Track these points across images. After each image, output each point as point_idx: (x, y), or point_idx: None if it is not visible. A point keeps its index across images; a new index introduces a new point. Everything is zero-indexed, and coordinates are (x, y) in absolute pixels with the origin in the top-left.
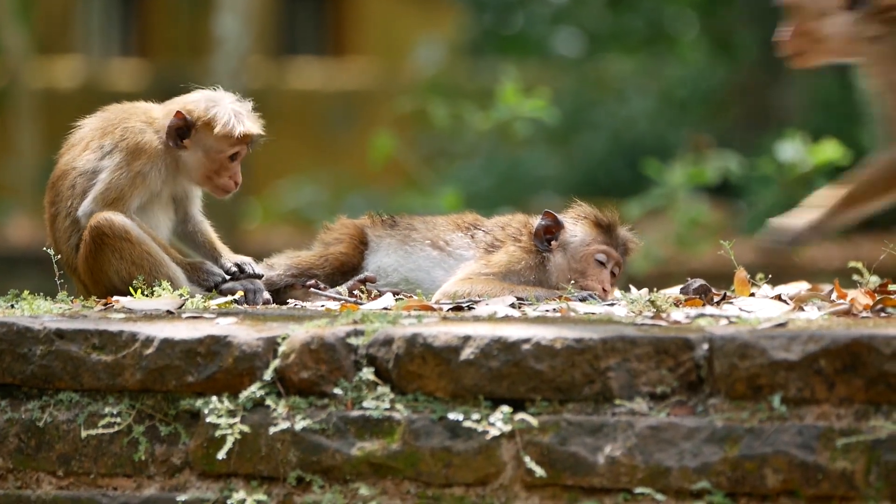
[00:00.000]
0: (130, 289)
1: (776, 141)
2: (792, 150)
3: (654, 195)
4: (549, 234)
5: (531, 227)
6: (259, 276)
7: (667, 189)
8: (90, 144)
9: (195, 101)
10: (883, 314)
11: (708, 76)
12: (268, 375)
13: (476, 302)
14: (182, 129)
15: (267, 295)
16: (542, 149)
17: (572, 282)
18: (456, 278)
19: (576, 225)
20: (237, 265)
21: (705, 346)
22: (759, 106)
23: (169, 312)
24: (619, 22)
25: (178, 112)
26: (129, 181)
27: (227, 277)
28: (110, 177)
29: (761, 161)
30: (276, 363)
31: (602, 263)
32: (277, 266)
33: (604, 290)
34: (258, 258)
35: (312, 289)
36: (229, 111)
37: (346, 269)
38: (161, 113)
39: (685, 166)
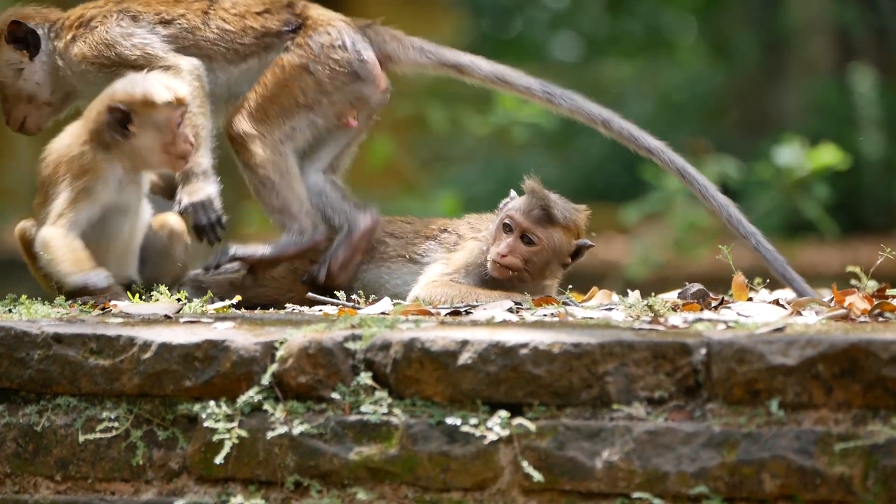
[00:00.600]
0: (128, 293)
1: (774, 145)
2: (790, 155)
3: (652, 200)
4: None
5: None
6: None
7: (665, 194)
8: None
9: (119, 92)
10: (881, 319)
11: (706, 80)
12: (265, 380)
13: (474, 306)
14: (123, 119)
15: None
16: (540, 153)
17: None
18: (420, 283)
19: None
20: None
21: (703, 351)
22: (757, 110)
23: (167, 317)
24: (617, 26)
25: (108, 107)
26: (71, 198)
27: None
28: (59, 199)
29: (759, 166)
30: (273, 368)
31: (509, 228)
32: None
33: (499, 254)
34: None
35: (310, 294)
36: (153, 82)
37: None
38: (91, 117)
39: None
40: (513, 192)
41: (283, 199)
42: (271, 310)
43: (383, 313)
